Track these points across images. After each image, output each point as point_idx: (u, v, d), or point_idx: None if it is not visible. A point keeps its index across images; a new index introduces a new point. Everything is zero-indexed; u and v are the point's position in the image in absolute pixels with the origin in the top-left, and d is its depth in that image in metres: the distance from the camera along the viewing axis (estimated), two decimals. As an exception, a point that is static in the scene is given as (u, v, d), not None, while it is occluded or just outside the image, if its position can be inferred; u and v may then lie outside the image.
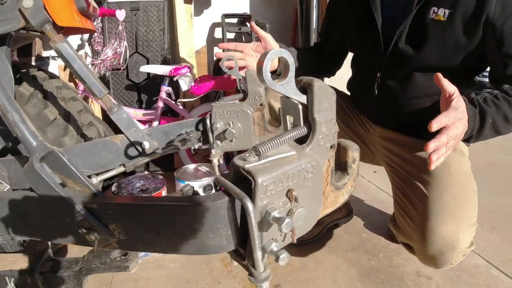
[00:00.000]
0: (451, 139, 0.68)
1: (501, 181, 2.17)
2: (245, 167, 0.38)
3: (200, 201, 0.38)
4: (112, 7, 2.08)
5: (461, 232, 0.83)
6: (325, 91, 0.40)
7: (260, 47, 1.11)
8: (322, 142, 0.43)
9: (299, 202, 0.41)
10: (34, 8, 0.76)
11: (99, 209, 0.41)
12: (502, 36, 0.86)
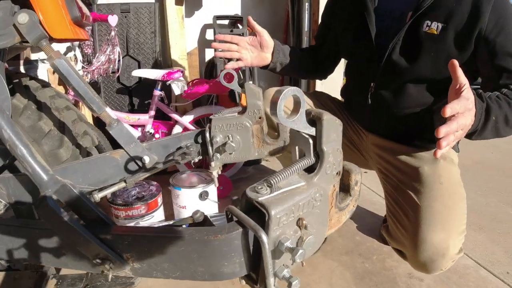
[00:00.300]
0: (460, 128, 0.67)
1: (487, 180, 2.23)
2: (259, 200, 0.39)
3: (216, 233, 0.39)
4: (102, 9, 2.06)
5: (450, 240, 0.87)
6: (333, 123, 0.42)
7: (255, 41, 1.13)
8: (329, 171, 0.45)
9: (308, 229, 0.43)
10: (29, 23, 0.75)
11: (113, 240, 0.41)
12: (495, 48, 0.89)
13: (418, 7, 0.94)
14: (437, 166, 0.97)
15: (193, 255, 0.40)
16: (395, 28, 0.99)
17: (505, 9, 0.89)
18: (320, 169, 0.43)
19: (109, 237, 0.42)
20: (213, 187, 1.51)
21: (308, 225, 0.43)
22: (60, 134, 1.10)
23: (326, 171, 0.44)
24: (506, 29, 0.88)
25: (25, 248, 0.47)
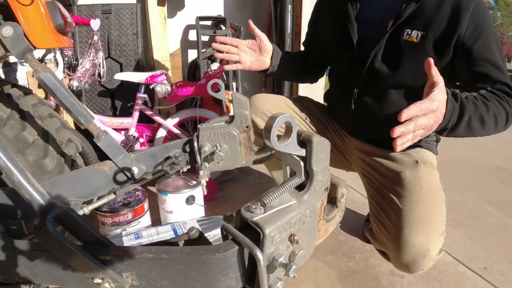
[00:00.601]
0: (419, 128, 0.70)
1: (464, 177, 2.33)
2: (254, 220, 0.41)
3: (213, 252, 0.41)
4: (83, 10, 2.02)
5: (431, 242, 0.91)
6: (322, 144, 0.45)
7: (254, 45, 1.15)
8: (318, 188, 0.47)
9: (299, 243, 0.46)
10: (14, 37, 0.74)
11: (112, 261, 0.43)
12: (472, 55, 0.93)
13: (398, 16, 0.98)
14: (417, 171, 1.01)
15: (191, 273, 0.42)
16: (376, 36, 1.03)
17: (482, 16, 0.93)
18: (310, 187, 0.46)
19: (108, 258, 0.43)
20: (199, 191, 1.52)
21: (299, 240, 0.45)
22: (44, 143, 1.08)
23: (315, 188, 0.47)
24: (483, 36, 0.93)
25: (23, 266, 0.48)
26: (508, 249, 1.51)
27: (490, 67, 0.94)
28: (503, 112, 0.90)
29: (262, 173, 2.18)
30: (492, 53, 0.94)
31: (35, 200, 0.45)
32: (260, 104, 1.17)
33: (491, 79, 0.94)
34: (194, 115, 1.99)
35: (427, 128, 0.74)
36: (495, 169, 2.54)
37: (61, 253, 0.42)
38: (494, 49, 0.94)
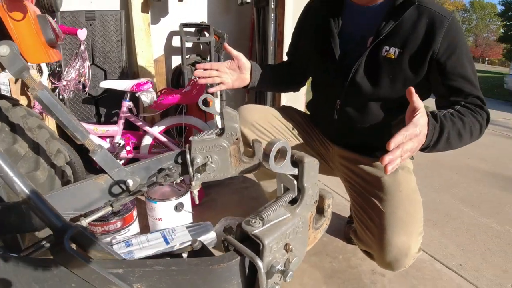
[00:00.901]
0: (405, 152, 0.76)
1: (439, 178, 2.45)
2: (254, 232, 0.47)
3: (219, 262, 0.46)
4: (67, 16, 2.01)
5: (412, 241, 0.99)
6: (312, 164, 0.51)
7: (233, 65, 1.20)
8: (308, 202, 0.53)
9: (293, 251, 0.51)
10: (11, 56, 0.75)
11: (125, 274, 0.47)
12: (446, 70, 1.00)
13: (378, 33, 1.04)
14: (396, 176, 1.09)
15: (198, 282, 0.46)
16: (357, 52, 1.10)
17: (455, 34, 1.00)
18: (302, 201, 0.51)
19: (120, 271, 0.47)
20: (187, 198, 1.56)
21: (293, 248, 0.51)
22: (35, 155, 1.09)
23: (306, 202, 0.52)
24: (456, 53, 1.00)
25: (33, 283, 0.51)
26: (482, 247, 1.61)
27: (463, 81, 1.01)
28: (477, 124, 0.99)
29: (246, 178, 2.22)
30: (465, 68, 1.02)
31: (52, 223, 0.48)
32: (248, 116, 1.22)
33: (464, 92, 1.02)
34: (179, 122, 2.02)
35: (412, 151, 0.81)
36: (468, 169, 2.69)
37: (77, 269, 0.46)
38: (467, 64, 1.02)
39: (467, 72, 1.02)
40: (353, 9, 1.13)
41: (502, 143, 3.64)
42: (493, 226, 1.82)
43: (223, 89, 1.20)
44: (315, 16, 1.23)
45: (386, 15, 1.04)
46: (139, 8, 2.19)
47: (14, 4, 0.91)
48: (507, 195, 2.24)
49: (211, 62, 1.20)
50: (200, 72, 1.15)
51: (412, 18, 1.02)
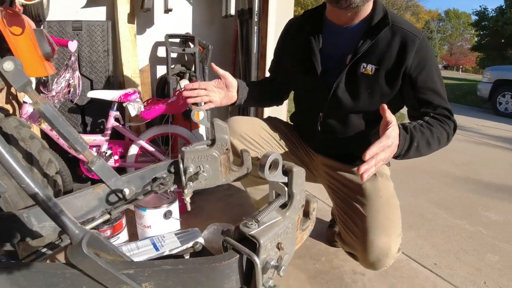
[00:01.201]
0: (379, 162, 0.86)
1: (415, 182, 2.59)
2: (251, 233, 0.53)
3: (220, 260, 0.52)
4: (54, 26, 2.03)
5: (392, 242, 1.07)
6: (300, 172, 0.58)
7: (220, 83, 1.26)
8: (297, 206, 0.60)
9: (284, 249, 0.58)
10: (15, 71, 0.79)
11: (135, 274, 0.52)
12: (417, 84, 1.11)
13: (356, 52, 1.14)
14: (376, 182, 1.17)
15: (201, 279, 0.52)
16: (337, 68, 1.19)
17: (425, 52, 1.11)
18: (291, 205, 0.59)
19: (131, 272, 0.52)
20: (176, 206, 1.60)
21: (284, 247, 0.58)
22: (29, 165, 1.12)
23: (295, 206, 0.59)
24: (426, 68, 1.10)
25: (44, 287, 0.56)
26: (455, 247, 1.73)
27: (432, 94, 1.12)
28: (445, 133, 1.10)
29: (231, 186, 2.28)
30: (434, 83, 1.12)
31: (70, 229, 0.53)
32: (237, 127, 1.29)
33: (433, 104, 1.12)
34: (166, 131, 2.06)
35: (385, 159, 0.90)
36: (442, 174, 2.85)
37: (92, 270, 0.51)
38: (436, 79, 1.13)
39: (436, 86, 1.12)
40: (333, 29, 1.22)
41: (474, 149, 3.85)
42: (466, 227, 1.94)
43: (212, 107, 1.26)
44: (296, 35, 1.31)
45: (363, 35, 1.14)
46: (126, 19, 2.23)
47: (13, 19, 0.95)
48: (479, 198, 2.39)
49: (199, 82, 1.25)
50: (189, 92, 1.21)
51: (387, 37, 1.12)
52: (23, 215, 0.81)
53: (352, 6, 1.08)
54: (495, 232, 1.92)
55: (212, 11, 2.66)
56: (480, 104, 8.25)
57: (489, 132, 5.00)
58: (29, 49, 0.96)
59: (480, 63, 19.93)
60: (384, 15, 1.13)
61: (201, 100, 1.23)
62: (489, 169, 3.11)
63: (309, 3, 24.64)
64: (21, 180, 0.52)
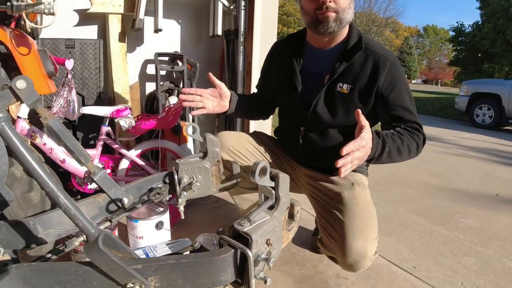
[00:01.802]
0: (355, 159, 0.96)
1: (395, 192, 2.71)
2: (244, 230, 0.62)
3: (218, 254, 0.61)
4: (47, 43, 2.10)
5: (368, 245, 1.15)
6: (285, 178, 0.68)
7: (215, 92, 1.37)
8: (283, 207, 0.70)
9: (273, 245, 0.67)
10: (28, 89, 0.86)
11: (142, 268, 0.60)
12: (388, 102, 1.23)
13: (333, 72, 1.26)
14: (353, 191, 1.27)
15: (201, 272, 0.60)
16: (316, 87, 1.31)
17: (396, 73, 1.23)
18: (278, 207, 0.68)
19: (139, 267, 0.60)
20: (167, 217, 1.66)
21: (273, 243, 0.66)
22: (28, 177, 1.17)
23: (281, 208, 0.69)
24: (397, 87, 1.23)
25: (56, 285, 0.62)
26: (433, 251, 1.84)
27: (403, 110, 1.24)
28: (414, 143, 1.21)
29: (218, 198, 2.36)
30: (404, 100, 1.24)
31: (87, 228, 0.60)
32: (226, 141, 1.38)
33: (403, 119, 1.24)
34: (156, 145, 2.13)
35: (360, 159, 1.01)
36: (420, 184, 2.98)
37: (106, 266, 0.58)
38: (405, 96, 1.25)
39: (406, 103, 1.25)
40: (313, 52, 1.35)
41: (451, 159, 4.03)
42: (443, 233, 2.06)
43: (204, 113, 1.36)
44: (281, 56, 1.44)
45: (339, 57, 1.27)
46: (117, 38, 2.32)
47: (20, 39, 1.03)
48: (456, 205, 2.53)
49: (196, 88, 1.36)
50: (185, 96, 1.31)
51: (361, 59, 1.24)
52: (29, 222, 0.87)
53: (329, 31, 1.21)
54: (472, 236, 2.04)
55: (199, 31, 2.79)
56: (458, 117, 8.56)
57: (466, 143, 5.23)
58: (35, 68, 1.04)
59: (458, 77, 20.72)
60: (359, 39, 1.26)
61: (195, 105, 1.32)
62: (466, 178, 3.28)
63: (292, 21, 25.35)
64: (46, 185, 0.60)
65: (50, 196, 0.60)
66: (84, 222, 0.61)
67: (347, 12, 1.22)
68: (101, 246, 0.57)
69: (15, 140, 0.62)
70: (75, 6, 2.24)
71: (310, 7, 1.22)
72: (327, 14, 1.19)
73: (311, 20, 1.24)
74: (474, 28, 17.60)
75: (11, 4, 1.06)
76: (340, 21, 1.21)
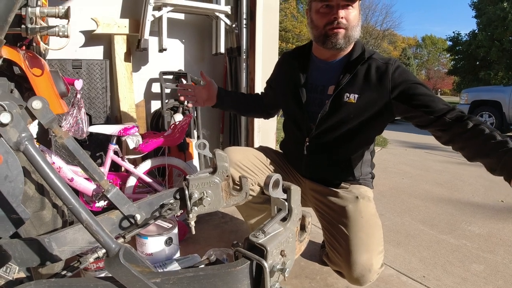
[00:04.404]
0: None
1: (401, 203, 2.71)
2: (259, 241, 0.64)
3: (234, 266, 0.62)
4: (54, 64, 2.15)
5: (373, 259, 1.16)
6: (297, 190, 0.70)
7: (205, 88, 1.59)
8: (295, 219, 0.71)
9: (287, 256, 0.68)
10: (43, 109, 0.89)
11: (161, 282, 0.61)
12: (407, 97, 1.17)
13: (338, 83, 1.28)
14: (358, 204, 1.27)
15: (218, 283, 0.62)
16: (319, 99, 1.34)
17: (401, 71, 1.22)
18: (290, 218, 0.69)
19: (158, 280, 0.61)
20: (175, 233, 1.67)
21: (287, 254, 0.68)
22: (40, 196, 1.19)
23: (293, 219, 0.70)
24: (408, 82, 1.18)
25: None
26: (441, 260, 1.83)
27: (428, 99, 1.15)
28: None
29: (225, 214, 2.37)
30: (421, 89, 1.17)
31: (107, 243, 0.62)
32: (233, 156, 1.40)
33: (440, 109, 1.14)
34: (163, 163, 2.16)
35: None
36: (425, 194, 2.99)
37: (126, 280, 0.60)
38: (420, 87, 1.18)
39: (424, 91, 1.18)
40: (317, 64, 1.38)
41: (454, 168, 4.05)
42: (451, 241, 2.05)
43: (196, 105, 1.59)
44: (287, 67, 1.48)
45: (344, 69, 1.30)
46: (123, 58, 2.38)
47: (33, 61, 1.07)
48: (461, 213, 2.53)
49: (189, 84, 1.64)
50: (182, 91, 1.61)
51: (364, 69, 1.27)
52: (44, 240, 0.88)
53: (337, 47, 1.24)
54: (479, 244, 2.04)
55: (202, 50, 2.85)
56: (460, 125, 8.60)
57: (468, 152, 5.22)
58: (48, 88, 1.07)
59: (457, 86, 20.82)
60: (362, 51, 1.30)
61: (190, 98, 1.60)
62: (470, 186, 3.28)
63: (290, 36, 25.88)
64: (68, 202, 0.62)
65: (73, 212, 0.62)
66: (105, 237, 0.63)
67: (355, 29, 1.25)
68: (122, 261, 0.58)
69: (39, 158, 0.64)
70: (82, 28, 2.31)
71: (320, 22, 1.25)
72: (336, 31, 1.22)
73: (319, 34, 1.27)
74: (470, 37, 17.79)
75: (26, 27, 1.11)
76: (349, 38, 1.24)
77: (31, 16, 1.11)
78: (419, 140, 5.96)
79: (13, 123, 0.68)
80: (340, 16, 1.20)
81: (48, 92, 1.08)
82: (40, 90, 1.04)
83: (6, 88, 1.02)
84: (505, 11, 14.28)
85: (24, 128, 0.70)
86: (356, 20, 1.24)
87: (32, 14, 1.11)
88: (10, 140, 0.68)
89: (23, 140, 0.68)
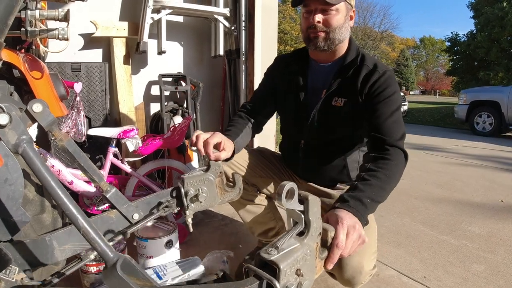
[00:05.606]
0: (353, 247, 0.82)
1: (401, 204, 2.69)
2: (271, 258, 0.61)
3: (243, 285, 0.59)
4: (53, 67, 2.12)
5: (364, 261, 1.14)
6: (315, 201, 0.67)
7: None
8: (314, 233, 0.68)
9: (303, 276, 0.65)
10: (44, 112, 0.86)
11: (164, 297, 0.59)
12: (370, 108, 1.20)
13: (329, 87, 1.30)
14: None
15: (227, 302, 0.59)
16: (314, 101, 1.34)
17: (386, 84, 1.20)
18: (308, 233, 0.66)
19: (159, 294, 0.59)
20: (175, 235, 1.64)
21: (303, 273, 0.64)
22: (40, 198, 1.16)
23: (312, 233, 0.67)
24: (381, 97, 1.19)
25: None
26: (442, 260, 1.82)
27: (382, 121, 1.18)
28: (395, 169, 1.14)
29: (225, 216, 2.34)
30: (386, 112, 1.18)
31: (105, 253, 0.59)
32: None
33: (378, 138, 1.17)
34: (162, 165, 2.13)
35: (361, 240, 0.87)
36: (425, 194, 2.97)
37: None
38: (389, 110, 1.19)
39: (387, 115, 1.19)
40: (314, 67, 1.38)
41: (454, 169, 4.02)
42: (451, 242, 2.04)
43: None
44: (285, 70, 1.46)
45: (336, 73, 1.30)
46: (122, 60, 2.35)
47: (33, 64, 1.04)
48: (461, 214, 2.51)
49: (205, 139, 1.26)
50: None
51: (355, 74, 1.27)
52: (45, 239, 0.85)
53: (319, 49, 1.26)
54: (479, 244, 2.03)
55: (202, 52, 2.82)
56: (459, 126, 8.58)
57: (468, 151, 5.23)
58: (48, 91, 1.04)
59: (456, 87, 20.81)
60: (356, 56, 1.30)
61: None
62: (470, 186, 3.27)
63: (288, 38, 25.88)
64: (65, 207, 0.60)
65: (70, 218, 0.60)
66: (102, 246, 0.60)
67: (338, 32, 1.25)
68: (119, 272, 0.56)
69: (37, 161, 0.62)
70: (81, 31, 2.27)
71: (304, 25, 1.29)
72: (316, 34, 1.25)
73: (304, 37, 1.31)
74: (469, 37, 17.80)
75: (25, 30, 1.08)
76: (331, 40, 1.25)
77: (31, 19, 1.08)
78: (419, 141, 5.92)
79: (11, 125, 0.66)
80: (316, 20, 1.23)
81: (48, 95, 1.06)
82: (39, 93, 1.01)
83: (5, 91, 0.99)
84: (504, 11, 14.27)
85: (23, 130, 0.68)
86: (339, 22, 1.24)
87: (32, 17, 1.09)
88: (8, 142, 0.66)
89: (21, 143, 0.66)
